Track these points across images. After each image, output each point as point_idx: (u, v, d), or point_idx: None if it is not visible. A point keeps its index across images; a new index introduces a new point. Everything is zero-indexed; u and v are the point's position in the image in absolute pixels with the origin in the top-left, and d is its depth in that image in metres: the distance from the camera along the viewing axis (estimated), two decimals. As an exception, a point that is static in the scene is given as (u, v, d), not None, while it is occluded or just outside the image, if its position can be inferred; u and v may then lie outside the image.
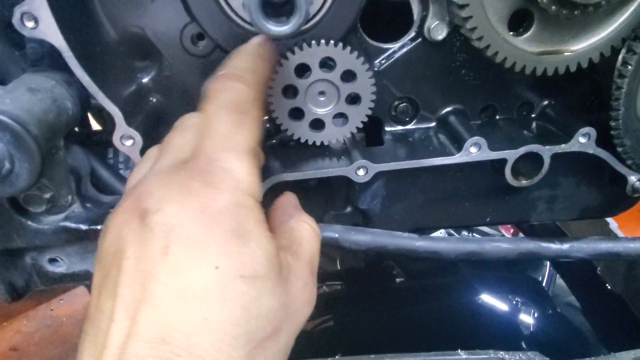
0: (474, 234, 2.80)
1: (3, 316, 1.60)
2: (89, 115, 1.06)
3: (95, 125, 1.11)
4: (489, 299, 1.96)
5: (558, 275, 2.02)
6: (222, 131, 0.63)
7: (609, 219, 1.55)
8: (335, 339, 1.78)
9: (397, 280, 2.18)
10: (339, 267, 2.32)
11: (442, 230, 2.23)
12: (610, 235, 1.53)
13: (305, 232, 0.71)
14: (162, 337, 0.51)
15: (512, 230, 2.72)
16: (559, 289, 2.04)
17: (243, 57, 0.74)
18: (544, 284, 2.12)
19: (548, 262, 2.08)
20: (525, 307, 1.95)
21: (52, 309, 1.65)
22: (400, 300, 2.02)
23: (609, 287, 1.58)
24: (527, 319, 1.90)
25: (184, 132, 0.69)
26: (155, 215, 0.56)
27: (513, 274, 2.15)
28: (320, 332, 1.80)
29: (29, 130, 0.64)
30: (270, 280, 0.58)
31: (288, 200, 0.78)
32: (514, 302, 1.96)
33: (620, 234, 1.51)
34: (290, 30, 0.60)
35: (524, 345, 1.76)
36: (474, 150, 0.92)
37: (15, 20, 0.69)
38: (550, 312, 1.93)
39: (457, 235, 2.34)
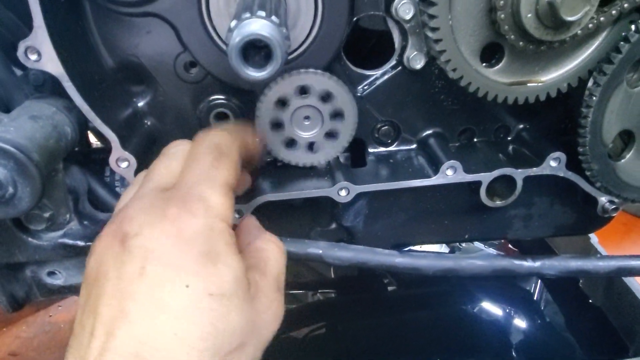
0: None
1: (2, 322, 1.64)
2: (89, 133, 1.11)
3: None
4: (481, 308, 1.99)
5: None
6: (201, 167, 0.71)
7: (591, 234, 1.60)
8: (326, 346, 1.81)
9: (390, 288, 2.21)
10: (332, 275, 2.37)
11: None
12: (591, 249, 1.58)
13: (271, 251, 0.77)
14: (136, 351, 0.56)
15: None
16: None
17: None
18: (536, 293, 2.15)
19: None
20: (517, 316, 1.98)
21: (50, 316, 1.69)
22: (393, 308, 2.05)
23: (590, 300, 1.63)
24: (518, 328, 1.94)
25: (168, 160, 0.75)
26: (135, 239, 0.62)
27: (504, 284, 2.18)
28: (312, 340, 1.83)
29: (31, 157, 0.69)
30: (237, 299, 0.63)
31: (250, 223, 0.84)
32: (507, 311, 2.00)
33: (600, 248, 1.56)
34: (267, 76, 0.65)
35: (513, 353, 1.80)
36: (450, 173, 0.97)
37: (20, 53, 0.75)
38: (539, 321, 1.97)
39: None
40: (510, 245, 2.48)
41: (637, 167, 0.97)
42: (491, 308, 1.97)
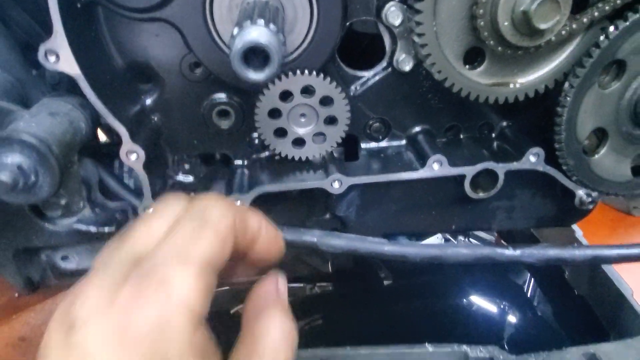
0: (470, 239, 2.91)
1: (12, 309, 1.71)
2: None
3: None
4: (473, 301, 2.05)
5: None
6: (177, 239, 0.60)
7: (576, 228, 1.66)
8: (323, 337, 1.87)
9: (385, 282, 2.27)
10: (330, 269, 2.44)
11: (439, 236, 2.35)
12: (575, 242, 1.65)
13: (272, 339, 0.63)
14: None
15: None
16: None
17: None
18: (529, 289, 2.21)
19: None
20: (509, 310, 2.04)
21: (57, 304, 1.75)
22: (388, 300, 2.11)
23: (575, 291, 1.70)
24: (511, 321, 2.00)
25: (153, 219, 0.66)
26: (78, 334, 0.54)
27: (497, 278, 2.24)
28: (309, 331, 1.89)
29: (51, 149, 0.77)
30: None
31: (268, 288, 0.70)
32: (501, 307, 2.06)
33: (584, 241, 1.62)
34: (265, 78, 0.72)
35: (505, 346, 1.86)
36: (437, 167, 1.04)
37: (40, 56, 0.82)
38: (530, 314, 2.04)
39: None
40: (502, 241, 2.54)
41: (610, 162, 1.04)
42: (483, 301, 2.04)
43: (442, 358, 1.17)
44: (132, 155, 0.94)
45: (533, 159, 1.06)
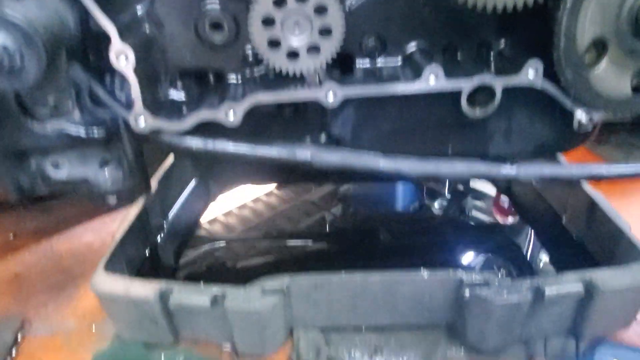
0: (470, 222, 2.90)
1: (7, 249, 1.72)
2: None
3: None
4: (472, 260, 2.05)
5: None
6: None
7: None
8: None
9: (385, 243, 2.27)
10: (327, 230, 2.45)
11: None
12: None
13: None
14: None
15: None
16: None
17: None
18: (529, 249, 2.21)
19: (531, 231, 2.17)
20: (508, 267, 2.04)
21: (52, 245, 1.75)
22: (386, 258, 2.11)
23: (574, 237, 1.69)
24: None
25: None
26: None
27: (496, 238, 2.23)
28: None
29: (37, 31, 0.75)
30: None
31: None
32: (500, 265, 2.05)
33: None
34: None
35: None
36: (432, 79, 1.02)
37: (26, -58, 0.80)
38: (529, 274, 2.04)
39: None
40: (504, 206, 2.53)
41: (610, 76, 1.01)
42: (482, 259, 2.03)
43: (436, 284, 1.16)
44: (122, 57, 0.92)
45: (531, 73, 1.03)
